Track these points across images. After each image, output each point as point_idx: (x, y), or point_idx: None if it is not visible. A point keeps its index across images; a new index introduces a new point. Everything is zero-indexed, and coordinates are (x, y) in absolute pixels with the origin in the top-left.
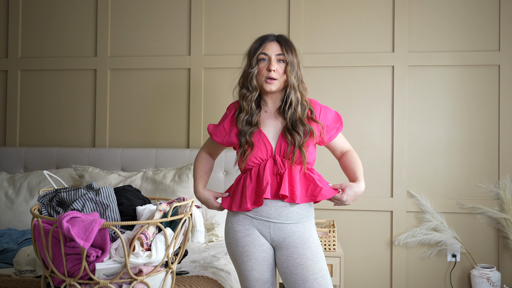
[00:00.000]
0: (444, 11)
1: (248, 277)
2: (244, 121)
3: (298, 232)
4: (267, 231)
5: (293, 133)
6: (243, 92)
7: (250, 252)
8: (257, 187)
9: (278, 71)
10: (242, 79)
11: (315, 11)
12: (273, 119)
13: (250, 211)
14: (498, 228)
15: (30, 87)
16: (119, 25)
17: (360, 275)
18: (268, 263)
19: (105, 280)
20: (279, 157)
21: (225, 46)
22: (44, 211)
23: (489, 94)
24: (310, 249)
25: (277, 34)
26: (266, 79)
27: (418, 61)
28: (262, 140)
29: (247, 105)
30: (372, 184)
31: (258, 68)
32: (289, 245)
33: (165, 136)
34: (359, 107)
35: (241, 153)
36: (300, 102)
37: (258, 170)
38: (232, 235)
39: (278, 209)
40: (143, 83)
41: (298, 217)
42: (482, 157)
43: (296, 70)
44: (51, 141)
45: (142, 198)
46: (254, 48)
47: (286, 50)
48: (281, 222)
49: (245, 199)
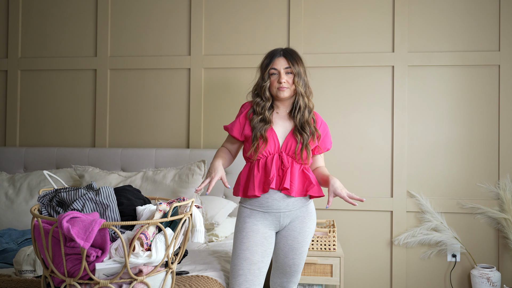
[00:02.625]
0: (444, 11)
1: (239, 255)
2: (257, 120)
3: (301, 217)
4: (277, 220)
5: (302, 133)
6: (257, 101)
7: (251, 236)
8: (265, 177)
9: (288, 82)
10: (256, 89)
11: (315, 11)
12: (284, 120)
13: (260, 207)
14: (498, 228)
15: (30, 87)
16: (119, 25)
17: (360, 275)
18: (263, 248)
19: (105, 280)
20: (285, 154)
21: (225, 46)
22: (44, 211)
23: (489, 94)
24: (303, 234)
25: (284, 48)
26: (279, 88)
27: (418, 61)
28: (272, 136)
29: (261, 111)
30: (372, 184)
31: (270, 81)
32: (290, 228)
33: (165, 136)
34: (359, 107)
35: (255, 146)
36: (307, 106)
37: (266, 162)
38: (241, 225)
39: (286, 201)
40: (143, 83)
41: (301, 203)
42: (482, 157)
43: (303, 77)
44: (51, 141)
45: (142, 198)
46: (265, 64)
47: (292, 63)
48: (289, 210)
49: (253, 186)
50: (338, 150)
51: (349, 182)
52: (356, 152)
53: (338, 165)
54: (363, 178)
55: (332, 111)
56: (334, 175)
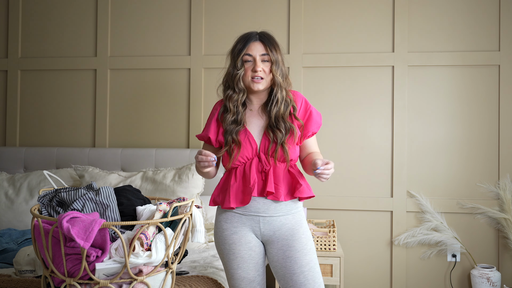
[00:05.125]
0: (444, 11)
1: (234, 275)
2: (230, 121)
3: (287, 224)
4: (257, 226)
5: (275, 131)
6: (229, 93)
7: (236, 250)
8: (244, 186)
9: (264, 71)
10: (227, 80)
11: (315, 11)
12: (258, 117)
13: (238, 208)
14: (498, 228)
15: (30, 87)
16: (119, 25)
17: (360, 275)
18: (254, 261)
19: (105, 280)
20: (264, 155)
21: (225, 46)
22: (44, 211)
23: (489, 94)
24: (299, 240)
25: (259, 32)
26: (253, 78)
27: (418, 61)
28: (248, 138)
29: (233, 106)
30: (372, 184)
31: (244, 69)
32: (279, 238)
33: (165, 136)
34: (359, 107)
35: (227, 152)
36: (284, 99)
37: (244, 169)
38: (219, 234)
39: (267, 203)
40: (143, 83)
41: (287, 209)
42: (482, 157)
43: (281, 67)
44: (51, 141)
45: (142, 198)
46: (238, 49)
47: (270, 49)
48: (270, 215)
49: (228, 197)
50: (338, 150)
51: (349, 182)
52: (356, 152)
53: (338, 165)
54: (363, 178)
55: (332, 111)
56: (334, 175)
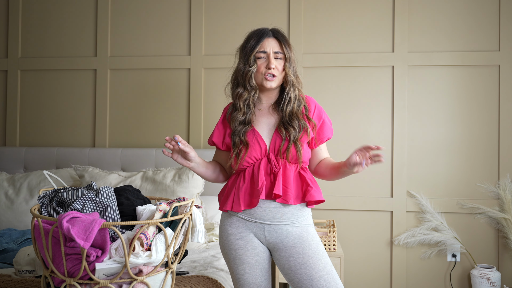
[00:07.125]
0: (444, 11)
1: (240, 280)
2: (238, 120)
3: (294, 232)
4: (261, 233)
5: (288, 128)
6: (239, 91)
7: (242, 255)
8: (251, 188)
9: (278, 68)
10: (236, 77)
11: (315, 11)
12: (267, 116)
13: (243, 213)
14: (498, 228)
15: (30, 87)
16: (119, 25)
17: (360, 275)
18: (261, 267)
19: (105, 280)
20: (273, 156)
21: (225, 46)
22: (44, 211)
23: (489, 94)
24: (310, 247)
25: (271, 28)
26: (266, 76)
27: (418, 61)
28: (256, 138)
29: (244, 104)
30: (372, 184)
31: (256, 66)
32: (287, 246)
33: (165, 136)
34: (359, 107)
35: (235, 153)
36: (297, 98)
37: (253, 170)
38: (225, 238)
39: (272, 211)
40: (143, 83)
41: (293, 217)
42: (482, 157)
43: (293, 65)
44: (51, 141)
45: (142, 198)
46: (251, 45)
47: (284, 45)
48: (275, 223)
49: (237, 200)
50: (338, 150)
51: (349, 182)
52: None
53: None
54: (363, 178)
55: (332, 111)
56: None
